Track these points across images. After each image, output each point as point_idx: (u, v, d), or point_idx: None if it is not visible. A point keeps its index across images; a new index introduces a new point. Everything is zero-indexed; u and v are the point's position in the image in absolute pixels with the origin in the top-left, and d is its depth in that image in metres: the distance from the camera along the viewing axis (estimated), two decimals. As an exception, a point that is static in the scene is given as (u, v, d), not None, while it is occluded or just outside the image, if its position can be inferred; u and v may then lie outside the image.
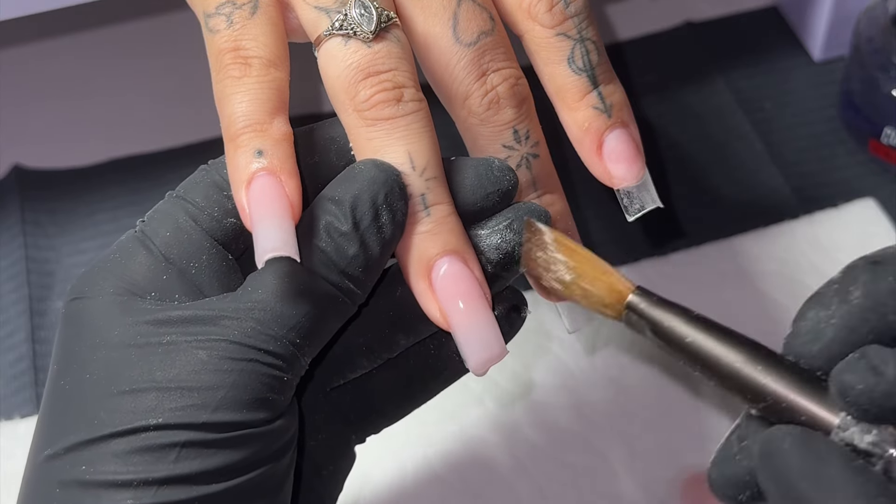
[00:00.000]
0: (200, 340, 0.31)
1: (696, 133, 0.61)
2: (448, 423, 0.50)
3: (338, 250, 0.32)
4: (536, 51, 0.37)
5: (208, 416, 0.31)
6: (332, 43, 0.34)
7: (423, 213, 0.34)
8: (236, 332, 0.32)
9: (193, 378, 0.31)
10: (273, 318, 0.32)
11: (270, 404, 0.32)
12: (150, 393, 0.31)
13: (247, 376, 0.31)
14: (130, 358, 0.32)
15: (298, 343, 0.32)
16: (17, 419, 0.51)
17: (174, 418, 0.31)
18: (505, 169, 0.35)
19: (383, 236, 0.33)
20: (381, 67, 0.34)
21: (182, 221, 0.34)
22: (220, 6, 0.35)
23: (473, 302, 0.34)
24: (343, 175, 0.33)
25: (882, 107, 0.57)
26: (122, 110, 0.64)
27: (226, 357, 0.31)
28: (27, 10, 0.50)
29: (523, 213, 0.35)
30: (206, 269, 0.34)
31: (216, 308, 0.32)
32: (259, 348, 0.32)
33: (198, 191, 0.34)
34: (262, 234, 0.31)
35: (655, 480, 0.49)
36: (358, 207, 0.32)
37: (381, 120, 0.34)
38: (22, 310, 0.55)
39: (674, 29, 0.66)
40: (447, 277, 0.34)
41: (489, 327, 0.34)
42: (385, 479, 0.49)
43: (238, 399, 0.31)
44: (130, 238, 0.34)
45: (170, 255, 0.33)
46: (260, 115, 0.33)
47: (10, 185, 0.60)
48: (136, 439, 0.30)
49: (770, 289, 0.54)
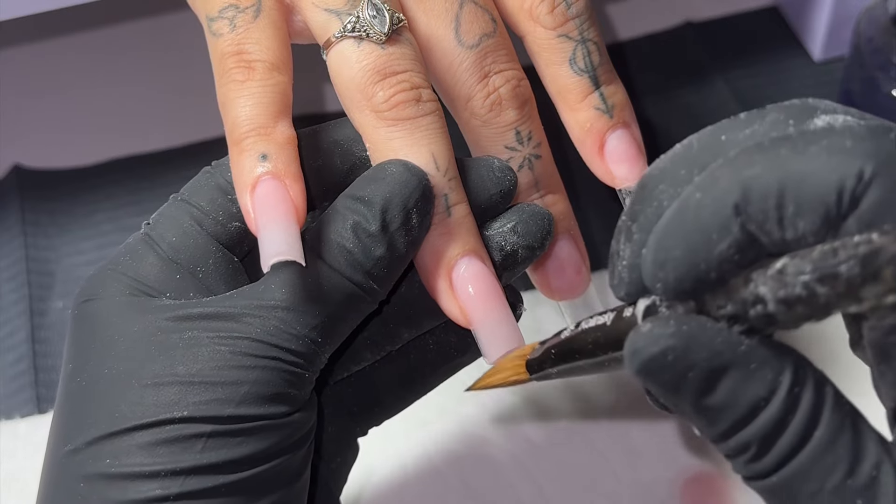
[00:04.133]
0: (223, 337, 0.32)
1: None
2: (449, 422, 0.50)
3: (364, 251, 0.33)
4: (538, 52, 0.38)
5: (232, 410, 0.31)
6: (344, 45, 0.34)
7: (445, 213, 0.34)
8: (259, 329, 0.32)
9: (216, 373, 0.31)
10: (296, 317, 0.32)
11: (291, 399, 0.32)
12: (173, 387, 0.31)
13: (269, 373, 0.32)
14: (151, 352, 0.32)
15: (320, 342, 0.33)
16: (17, 419, 0.51)
17: (199, 411, 0.31)
18: (505, 169, 0.35)
19: (411, 238, 0.33)
20: (397, 68, 0.34)
21: (187, 226, 0.34)
22: (223, 9, 0.35)
23: (493, 300, 0.34)
24: (371, 175, 0.33)
25: (882, 107, 0.57)
26: (123, 110, 0.64)
27: (249, 354, 0.32)
28: (27, 10, 0.50)
29: (528, 217, 0.35)
30: (213, 272, 0.34)
31: (238, 305, 0.32)
32: (282, 346, 0.32)
33: (202, 194, 0.34)
34: (267, 238, 0.31)
35: (655, 480, 0.49)
36: (389, 210, 0.33)
37: (402, 120, 0.34)
38: (22, 310, 0.55)
39: (674, 29, 0.66)
40: (468, 277, 0.34)
41: (508, 324, 0.35)
42: (386, 477, 0.49)
43: (260, 394, 0.32)
44: (138, 240, 0.34)
45: (177, 259, 0.34)
46: (264, 118, 0.33)
47: (10, 185, 0.60)
48: (161, 431, 0.31)
49: (770, 289, 0.54)
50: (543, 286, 0.39)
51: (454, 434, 0.50)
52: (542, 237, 0.35)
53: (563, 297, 0.39)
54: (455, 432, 0.50)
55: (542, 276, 0.39)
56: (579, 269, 0.39)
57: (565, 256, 0.38)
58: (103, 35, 0.68)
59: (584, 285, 0.39)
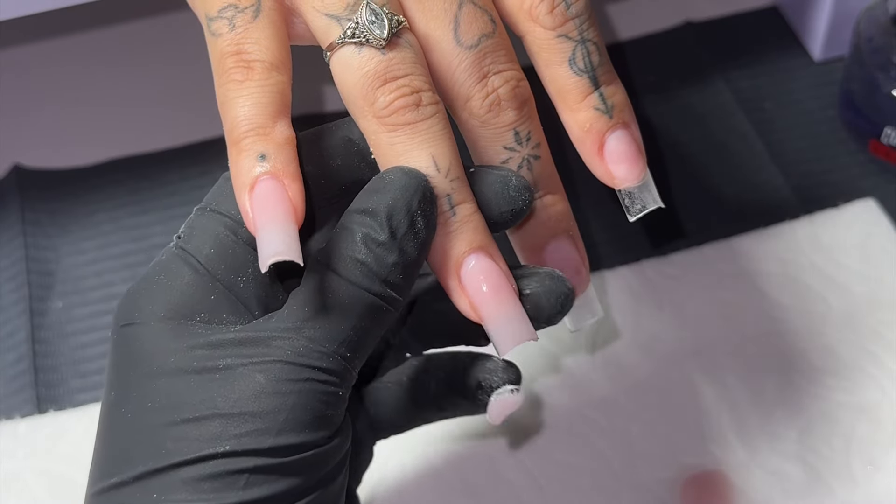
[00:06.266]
0: (256, 363, 0.32)
1: (696, 133, 0.62)
2: (448, 422, 0.50)
3: (378, 260, 0.33)
4: (537, 52, 0.37)
5: (273, 441, 0.31)
6: (346, 51, 0.34)
7: (450, 212, 0.34)
8: (289, 351, 0.32)
9: (254, 403, 0.31)
10: (323, 334, 0.32)
11: (328, 421, 0.33)
12: (214, 420, 0.31)
13: (305, 396, 0.32)
14: (190, 385, 0.32)
15: (349, 357, 0.33)
16: (17, 419, 0.51)
17: (240, 445, 0.31)
18: (521, 188, 0.36)
19: (419, 241, 0.33)
20: (397, 73, 0.34)
21: (223, 236, 0.34)
22: (223, 9, 0.35)
23: (501, 295, 0.34)
24: (371, 186, 0.34)
25: (882, 107, 0.57)
26: (122, 110, 0.64)
27: (283, 379, 0.32)
28: (27, 10, 0.50)
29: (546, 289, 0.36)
30: (253, 281, 0.34)
31: (267, 329, 0.32)
32: (313, 366, 0.32)
33: (231, 202, 0.34)
34: (265, 238, 0.31)
35: (655, 480, 0.49)
36: (394, 217, 0.33)
37: (401, 125, 0.34)
38: (22, 310, 0.55)
39: (674, 29, 0.66)
40: (475, 273, 0.34)
41: (518, 317, 0.35)
42: (386, 477, 0.49)
43: (299, 420, 0.32)
44: (172, 257, 0.34)
45: (216, 272, 0.34)
46: (262, 119, 0.33)
47: (10, 185, 0.60)
48: (204, 467, 0.31)
49: (771, 289, 0.54)
50: (542, 287, 0.39)
51: (454, 434, 0.50)
52: (561, 307, 0.36)
53: None
54: (455, 432, 0.50)
55: None
56: (578, 269, 0.39)
57: (564, 257, 0.38)
58: (103, 35, 0.68)
59: (584, 286, 0.39)
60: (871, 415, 0.50)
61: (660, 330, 0.53)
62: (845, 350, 0.52)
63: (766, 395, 0.51)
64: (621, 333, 0.53)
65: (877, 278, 0.54)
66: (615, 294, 0.55)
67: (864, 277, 0.54)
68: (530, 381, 0.52)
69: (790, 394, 0.51)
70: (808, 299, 0.54)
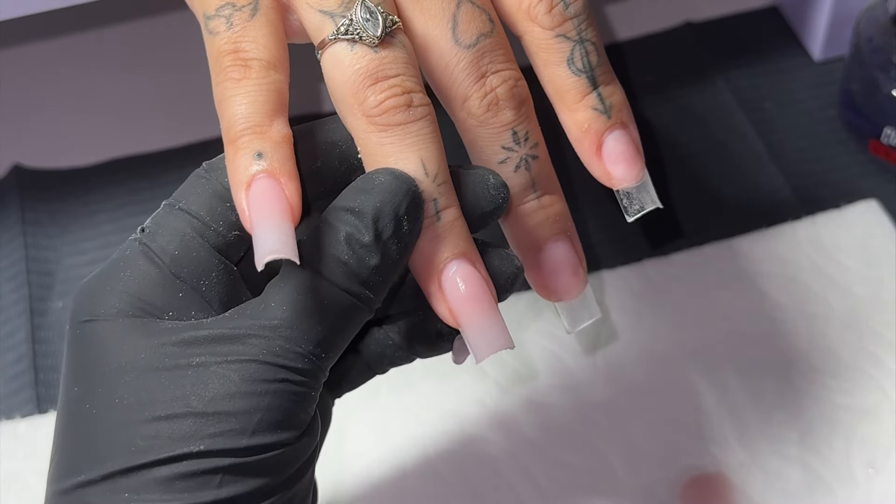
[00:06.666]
0: (230, 361, 0.32)
1: (696, 133, 0.61)
2: (448, 423, 0.50)
3: (359, 262, 0.33)
4: (536, 52, 0.37)
5: (248, 441, 0.31)
6: (338, 48, 0.34)
7: (435, 217, 0.34)
8: (265, 351, 0.32)
9: (229, 403, 0.31)
10: (300, 334, 0.32)
11: (300, 422, 0.32)
12: (188, 419, 0.31)
13: (280, 397, 0.32)
14: (162, 382, 0.32)
15: (323, 357, 0.33)
16: (17, 419, 0.51)
17: (215, 444, 0.31)
18: (500, 186, 0.35)
19: (403, 245, 0.33)
20: (389, 72, 0.34)
21: (189, 238, 0.34)
22: (220, 8, 0.35)
23: (480, 302, 0.34)
24: (359, 185, 0.34)
25: (882, 107, 0.57)
26: (122, 111, 0.64)
27: (258, 379, 0.32)
28: (27, 10, 0.50)
29: None
30: (216, 285, 0.34)
31: (242, 326, 0.32)
32: (288, 367, 0.32)
33: (200, 202, 0.34)
34: (261, 236, 0.31)
35: (655, 481, 0.49)
36: (380, 219, 0.33)
37: (391, 126, 0.34)
38: (22, 310, 0.55)
39: (674, 29, 0.66)
40: (456, 280, 0.34)
41: (497, 325, 0.34)
42: (386, 477, 0.49)
43: (273, 420, 0.32)
44: (135, 252, 0.34)
45: (180, 274, 0.33)
46: (259, 117, 0.33)
47: (10, 185, 0.60)
48: (178, 466, 0.31)
49: (771, 289, 0.54)
50: (540, 287, 0.39)
51: (454, 434, 0.50)
52: (510, 285, 0.36)
53: (560, 299, 0.39)
54: (455, 432, 0.50)
55: (539, 278, 0.39)
56: (576, 270, 0.38)
57: (562, 257, 0.38)
58: (103, 35, 0.68)
59: (581, 286, 0.39)
60: (871, 416, 0.50)
61: (660, 330, 0.53)
62: (846, 351, 0.52)
63: (767, 396, 0.51)
64: (621, 334, 0.53)
65: (878, 279, 0.54)
66: (615, 294, 0.55)
67: (865, 278, 0.54)
68: (530, 381, 0.52)
69: (791, 395, 0.51)
70: (808, 300, 0.54)
